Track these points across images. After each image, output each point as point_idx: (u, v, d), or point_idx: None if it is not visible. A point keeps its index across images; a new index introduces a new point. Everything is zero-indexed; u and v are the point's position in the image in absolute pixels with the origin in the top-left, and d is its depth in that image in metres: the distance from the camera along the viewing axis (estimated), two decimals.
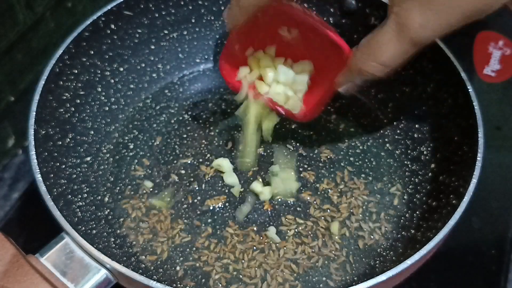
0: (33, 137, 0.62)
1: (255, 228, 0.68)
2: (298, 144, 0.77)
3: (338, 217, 0.69)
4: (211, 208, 0.70)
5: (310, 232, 0.68)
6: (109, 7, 0.75)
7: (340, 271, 0.65)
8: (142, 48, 0.81)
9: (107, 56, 0.77)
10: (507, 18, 1.01)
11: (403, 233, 0.67)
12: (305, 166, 0.74)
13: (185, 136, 0.78)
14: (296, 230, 0.68)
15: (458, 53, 0.70)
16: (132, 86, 0.81)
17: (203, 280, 0.64)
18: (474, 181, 0.59)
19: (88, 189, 0.70)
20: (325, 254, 0.66)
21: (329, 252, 0.66)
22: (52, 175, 0.63)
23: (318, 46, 0.65)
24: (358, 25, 0.80)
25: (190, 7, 0.82)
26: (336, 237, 0.67)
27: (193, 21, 0.84)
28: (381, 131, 0.78)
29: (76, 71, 0.72)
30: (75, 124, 0.72)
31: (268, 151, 0.75)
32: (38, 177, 0.58)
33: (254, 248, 0.66)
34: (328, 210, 0.70)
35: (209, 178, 0.73)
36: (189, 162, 0.75)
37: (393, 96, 0.79)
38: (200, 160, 0.75)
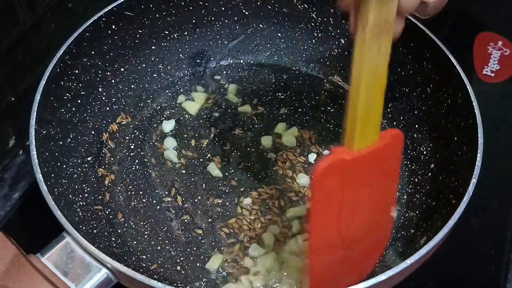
0: (34, 137, 0.62)
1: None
2: (298, 144, 0.77)
3: None
4: (213, 208, 0.70)
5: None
6: (110, 7, 0.75)
7: None
8: (143, 48, 0.82)
9: (108, 57, 0.77)
10: (506, 19, 1.01)
11: (403, 233, 0.67)
12: (305, 165, 0.74)
13: (185, 136, 0.78)
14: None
15: (458, 54, 0.70)
16: (133, 86, 0.81)
17: (204, 279, 0.64)
18: (473, 181, 0.59)
19: (89, 188, 0.70)
20: None
21: None
22: (53, 175, 0.64)
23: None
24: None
25: (191, 8, 0.83)
26: None
27: (193, 21, 0.84)
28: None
29: (77, 71, 0.72)
30: (76, 124, 0.72)
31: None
32: (39, 177, 0.58)
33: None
34: None
35: (210, 178, 0.73)
36: (189, 161, 0.75)
37: (393, 96, 0.79)
38: (201, 160, 0.75)
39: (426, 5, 0.81)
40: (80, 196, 0.68)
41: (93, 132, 0.75)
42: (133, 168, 0.74)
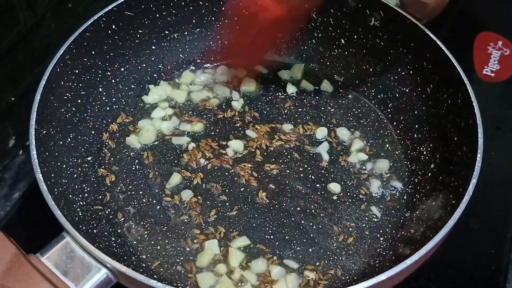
0: (34, 136, 0.62)
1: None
2: (298, 144, 0.77)
3: (339, 217, 0.69)
4: (213, 209, 0.70)
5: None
6: (110, 7, 0.75)
7: (341, 270, 0.65)
8: (143, 48, 0.82)
9: (108, 56, 0.77)
10: (506, 19, 1.01)
11: (403, 233, 0.67)
12: (305, 166, 0.74)
13: (185, 135, 0.78)
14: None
15: (458, 54, 0.70)
16: (133, 86, 0.81)
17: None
18: (473, 181, 0.59)
19: (89, 188, 0.70)
20: (326, 254, 0.66)
21: (329, 252, 0.66)
22: (53, 175, 0.64)
23: None
24: (358, 25, 0.81)
25: (191, 8, 0.83)
26: (336, 237, 0.68)
27: (193, 21, 0.84)
28: (381, 131, 0.79)
29: (77, 71, 0.72)
30: (76, 124, 0.72)
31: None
32: (39, 176, 0.58)
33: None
34: (329, 210, 0.70)
35: (210, 177, 0.73)
36: (190, 161, 0.75)
37: (393, 96, 0.79)
38: (201, 159, 0.75)
39: (425, 6, 0.81)
40: (80, 196, 0.68)
41: (93, 132, 0.75)
42: (133, 168, 0.74)
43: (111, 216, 0.69)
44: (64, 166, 0.68)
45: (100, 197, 0.70)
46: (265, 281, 0.64)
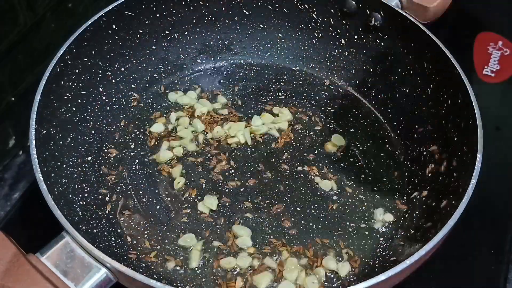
0: (34, 136, 0.62)
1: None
2: (298, 144, 0.77)
3: (338, 217, 0.69)
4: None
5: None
6: (110, 7, 0.75)
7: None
8: (143, 48, 0.82)
9: (108, 56, 0.77)
10: (506, 19, 1.01)
11: (403, 233, 0.67)
12: (306, 166, 0.74)
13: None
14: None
15: (458, 54, 0.70)
16: (133, 86, 0.81)
17: (203, 279, 0.64)
18: (473, 181, 0.59)
19: (89, 188, 0.70)
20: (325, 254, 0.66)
21: (329, 252, 0.66)
22: (53, 175, 0.64)
23: None
24: (358, 25, 0.81)
25: (191, 8, 0.83)
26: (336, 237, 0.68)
27: (194, 21, 0.84)
28: (381, 132, 0.79)
29: (77, 71, 0.72)
30: (76, 124, 0.72)
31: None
32: (39, 176, 0.58)
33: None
34: (329, 210, 0.70)
35: (210, 177, 0.73)
36: (190, 160, 0.75)
37: (393, 96, 0.79)
38: (201, 159, 0.75)
39: (426, 10, 0.81)
40: (80, 195, 0.68)
41: (93, 132, 0.75)
42: (133, 168, 0.74)
43: (111, 216, 0.69)
44: (64, 166, 0.68)
45: (100, 197, 0.70)
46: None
